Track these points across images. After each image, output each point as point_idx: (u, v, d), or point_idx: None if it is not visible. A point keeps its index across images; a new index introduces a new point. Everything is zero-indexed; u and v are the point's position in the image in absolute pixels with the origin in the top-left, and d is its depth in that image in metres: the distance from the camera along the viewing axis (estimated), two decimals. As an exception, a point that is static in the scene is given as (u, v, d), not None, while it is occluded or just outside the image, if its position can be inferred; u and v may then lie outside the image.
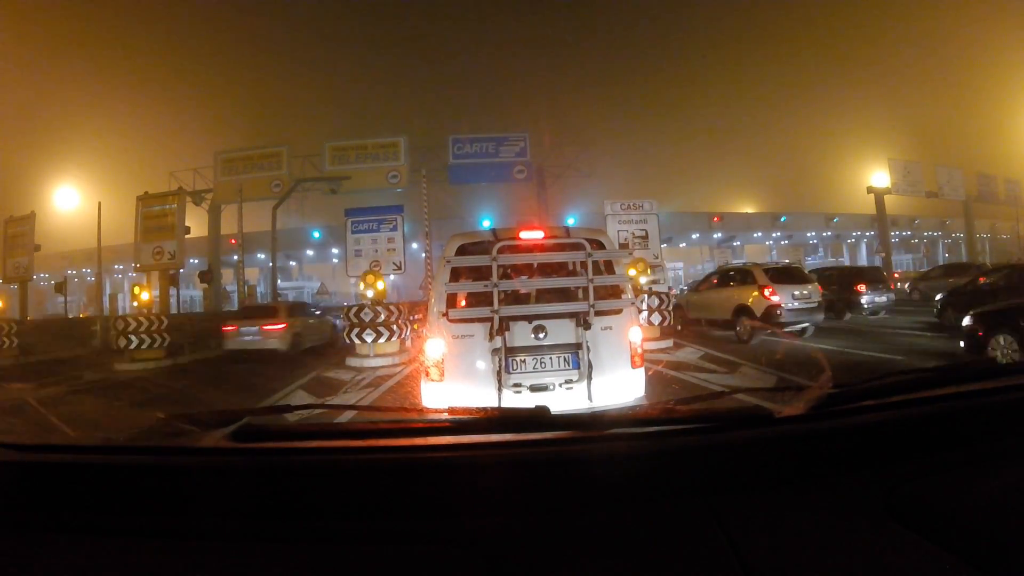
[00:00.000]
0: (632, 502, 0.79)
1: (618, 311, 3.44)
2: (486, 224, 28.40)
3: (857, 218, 36.29)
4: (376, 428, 1.06)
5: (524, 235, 3.53)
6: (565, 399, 3.22)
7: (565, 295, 3.42)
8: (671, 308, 9.69)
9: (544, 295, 3.44)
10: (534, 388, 3.25)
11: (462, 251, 3.50)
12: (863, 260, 39.03)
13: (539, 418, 0.97)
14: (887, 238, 26.49)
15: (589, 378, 3.22)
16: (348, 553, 0.72)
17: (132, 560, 0.72)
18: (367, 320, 8.74)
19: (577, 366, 3.27)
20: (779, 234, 37.66)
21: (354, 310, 8.88)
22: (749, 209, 39.14)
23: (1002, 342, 5.94)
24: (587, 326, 3.26)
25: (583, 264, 3.36)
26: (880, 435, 0.92)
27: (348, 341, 8.85)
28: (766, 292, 9.46)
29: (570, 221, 27.27)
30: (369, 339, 8.72)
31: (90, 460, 0.96)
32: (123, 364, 9.72)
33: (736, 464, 0.86)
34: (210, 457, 0.97)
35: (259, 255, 34.17)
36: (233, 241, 37.50)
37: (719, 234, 35.96)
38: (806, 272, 10.98)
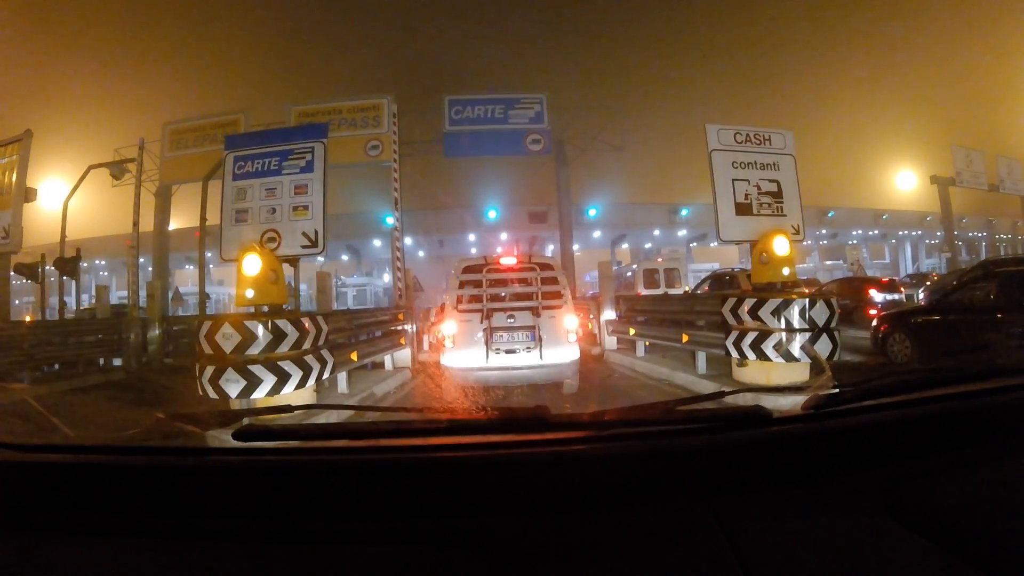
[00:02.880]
0: (632, 502, 0.81)
1: (558, 307, 5.80)
2: (492, 215, 23.48)
3: (902, 215, 34.39)
4: (376, 428, 1.06)
5: (503, 261, 6.19)
6: (526, 357, 5.56)
7: (528, 297, 5.88)
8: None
9: (514, 297, 5.93)
10: (508, 351, 5.59)
11: (466, 270, 6.03)
12: (907, 262, 37.35)
13: (539, 418, 0.98)
14: (952, 236, 24.02)
15: (540, 346, 5.57)
16: (348, 553, 0.73)
17: (132, 560, 0.74)
18: (233, 347, 4.56)
19: (534, 339, 5.62)
20: (825, 231, 34.35)
21: (206, 330, 4.74)
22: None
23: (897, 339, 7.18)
24: (538, 314, 5.69)
25: (536, 279, 5.90)
26: (880, 435, 0.93)
27: (202, 391, 4.69)
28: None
29: (591, 212, 21.82)
30: (235, 389, 4.51)
31: (90, 460, 0.98)
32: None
33: (736, 464, 0.86)
34: (210, 457, 0.99)
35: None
36: (198, 234, 32.46)
37: None
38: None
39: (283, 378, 4.63)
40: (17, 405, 2.58)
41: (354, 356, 6.04)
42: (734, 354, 5.83)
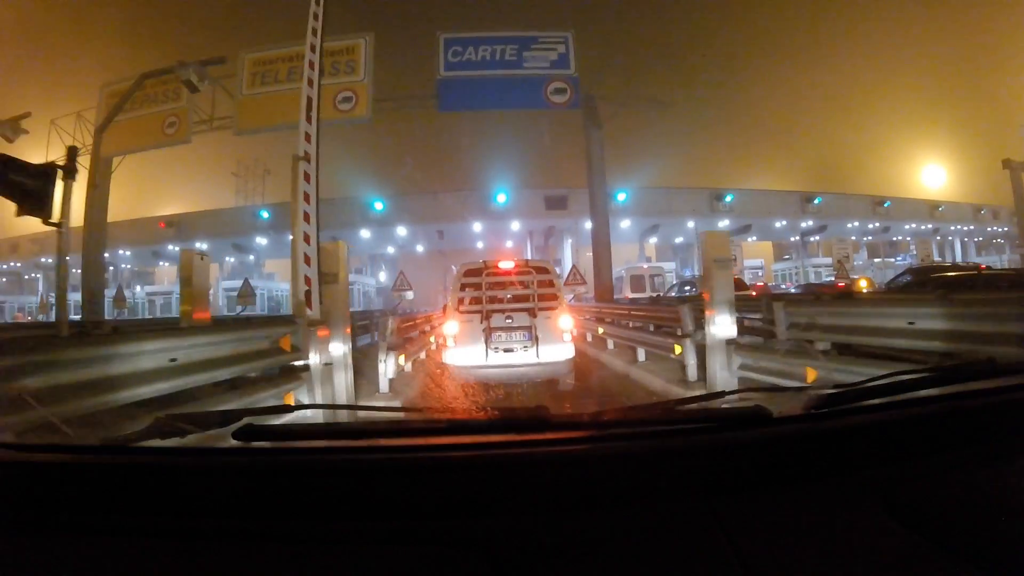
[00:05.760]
0: (632, 502, 0.82)
1: (553, 308, 6.09)
2: (500, 199, 19.14)
3: (957, 208, 30.91)
4: (376, 428, 1.09)
5: (502, 265, 6.32)
6: (523, 356, 5.85)
7: (525, 299, 6.12)
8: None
9: (512, 299, 6.17)
10: (506, 350, 5.85)
11: (467, 273, 6.29)
12: (957, 259, 33.38)
13: (539, 418, 0.99)
14: (1027, 229, 21.32)
15: (537, 345, 5.85)
16: (348, 553, 0.74)
17: (132, 560, 0.74)
18: None
19: (530, 338, 5.88)
20: (876, 224, 29.77)
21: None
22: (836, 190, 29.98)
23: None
24: (535, 315, 5.96)
25: (532, 282, 6.17)
26: (880, 435, 0.95)
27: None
28: None
29: (620, 197, 19.56)
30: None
31: (90, 460, 1.00)
32: None
33: (736, 464, 0.88)
34: (210, 457, 1.02)
35: (198, 243, 24.64)
36: (163, 225, 28.69)
37: (809, 222, 27.88)
38: None
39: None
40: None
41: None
42: None
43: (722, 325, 5.47)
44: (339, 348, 4.76)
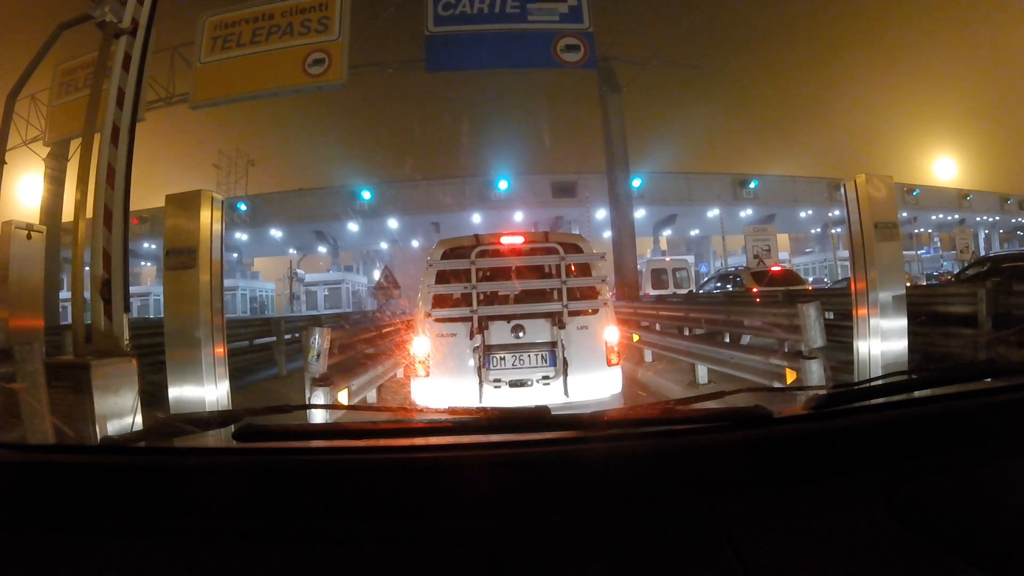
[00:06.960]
0: (632, 502, 0.82)
1: (594, 311, 3.84)
2: (502, 186, 16.99)
3: (984, 197, 29.80)
4: (376, 428, 1.07)
5: (504, 240, 4.02)
6: (543, 394, 3.63)
7: (544, 296, 3.86)
8: None
9: (524, 297, 3.87)
10: (513, 384, 3.64)
11: (448, 256, 3.98)
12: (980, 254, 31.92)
13: (539, 418, 0.99)
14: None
15: (565, 375, 3.64)
16: (348, 553, 0.74)
17: (132, 560, 0.74)
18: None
19: (553, 363, 3.67)
20: (905, 214, 27.68)
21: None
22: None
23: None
24: (562, 325, 3.67)
25: (558, 267, 3.83)
26: (880, 435, 0.95)
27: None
28: None
29: (635, 183, 17.15)
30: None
31: (90, 460, 1.00)
32: None
33: (736, 464, 0.88)
34: (210, 457, 1.02)
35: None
36: (136, 221, 26.03)
37: (837, 211, 26.05)
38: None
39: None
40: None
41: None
42: None
43: (893, 337, 3.29)
44: (187, 389, 2.70)
